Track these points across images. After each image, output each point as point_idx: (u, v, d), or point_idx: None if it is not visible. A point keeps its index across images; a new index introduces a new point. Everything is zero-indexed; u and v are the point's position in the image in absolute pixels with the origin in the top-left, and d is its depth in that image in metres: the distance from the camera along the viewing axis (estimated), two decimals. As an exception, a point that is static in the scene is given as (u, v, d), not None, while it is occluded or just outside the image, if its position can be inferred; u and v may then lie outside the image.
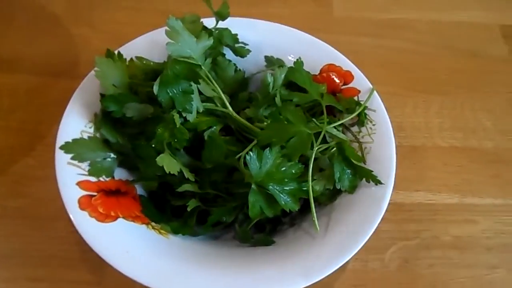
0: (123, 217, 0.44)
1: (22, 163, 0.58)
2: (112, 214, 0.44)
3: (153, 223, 0.46)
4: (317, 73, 0.53)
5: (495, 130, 0.65)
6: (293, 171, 0.41)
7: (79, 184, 0.44)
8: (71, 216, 0.42)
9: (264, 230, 0.47)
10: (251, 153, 0.40)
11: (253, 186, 0.41)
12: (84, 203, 0.43)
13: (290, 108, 0.44)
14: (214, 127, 0.46)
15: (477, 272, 0.53)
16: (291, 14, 0.76)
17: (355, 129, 0.49)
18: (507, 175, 0.61)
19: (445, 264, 0.54)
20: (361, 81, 0.51)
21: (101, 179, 0.46)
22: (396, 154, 0.47)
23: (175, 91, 0.42)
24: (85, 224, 0.42)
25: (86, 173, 0.45)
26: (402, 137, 0.62)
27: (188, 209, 0.44)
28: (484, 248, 0.55)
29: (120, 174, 0.48)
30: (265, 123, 0.45)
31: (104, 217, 0.43)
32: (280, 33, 0.55)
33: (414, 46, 0.73)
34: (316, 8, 0.76)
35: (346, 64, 0.52)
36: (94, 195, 0.44)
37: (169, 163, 0.41)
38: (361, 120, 0.48)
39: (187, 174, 0.42)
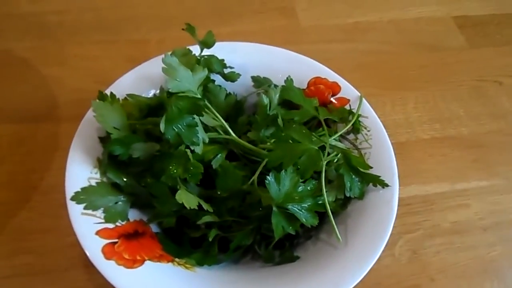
0: (149, 259, 0.44)
1: (18, 217, 0.56)
2: (138, 258, 0.44)
3: (177, 259, 0.46)
4: (305, 87, 0.54)
5: (467, 117, 0.70)
6: (309, 188, 0.43)
7: (98, 233, 0.44)
8: (99, 268, 0.41)
9: (282, 246, 0.48)
10: (269, 177, 0.41)
11: (274, 208, 0.42)
12: (109, 252, 0.43)
13: (294, 127, 0.46)
14: (220, 155, 0.47)
15: (479, 252, 0.57)
16: (261, 30, 0.77)
17: (351, 137, 0.51)
18: (485, 158, 0.65)
19: (449, 249, 0.57)
20: (348, 90, 0.53)
21: (117, 224, 0.45)
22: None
23: (180, 126, 0.42)
24: (116, 273, 0.41)
25: (103, 220, 0.44)
26: (388, 135, 0.65)
27: (210, 239, 0.44)
28: (480, 229, 0.59)
29: (133, 214, 0.48)
30: (268, 144, 0.46)
31: (132, 263, 0.43)
32: (263, 52, 0.56)
33: (381, 47, 0.77)
34: (283, 20, 0.79)
35: (331, 75, 0.54)
36: (116, 242, 0.44)
37: (187, 199, 0.42)
38: (356, 127, 0.50)
39: (205, 206, 0.43)
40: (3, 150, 0.62)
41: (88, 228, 0.43)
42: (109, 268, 0.41)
